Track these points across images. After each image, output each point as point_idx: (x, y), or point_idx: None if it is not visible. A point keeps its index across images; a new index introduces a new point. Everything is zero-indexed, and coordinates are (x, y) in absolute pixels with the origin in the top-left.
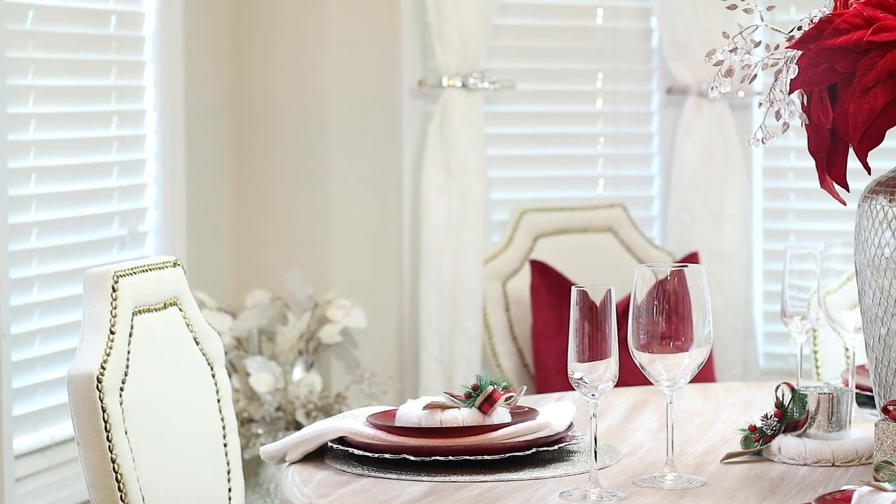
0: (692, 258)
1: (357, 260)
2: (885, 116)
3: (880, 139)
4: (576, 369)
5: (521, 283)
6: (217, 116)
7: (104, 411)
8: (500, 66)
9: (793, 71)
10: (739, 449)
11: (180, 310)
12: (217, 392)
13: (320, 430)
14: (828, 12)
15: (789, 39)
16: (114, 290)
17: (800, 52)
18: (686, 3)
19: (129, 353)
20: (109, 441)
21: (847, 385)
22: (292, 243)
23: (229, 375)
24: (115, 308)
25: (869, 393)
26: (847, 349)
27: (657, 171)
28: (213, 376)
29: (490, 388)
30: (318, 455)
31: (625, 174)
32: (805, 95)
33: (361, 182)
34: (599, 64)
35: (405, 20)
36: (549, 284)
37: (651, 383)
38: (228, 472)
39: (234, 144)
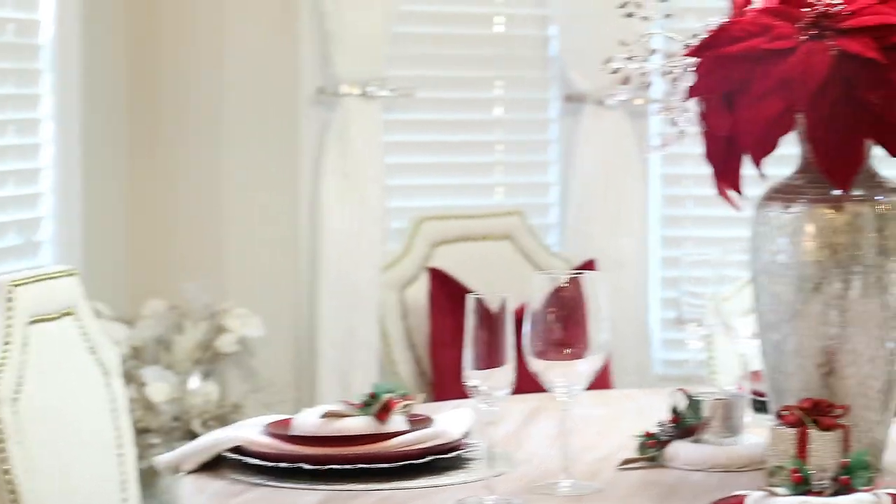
0: (589, 265)
1: (254, 268)
2: (780, 124)
3: (775, 146)
4: (472, 377)
5: (419, 292)
6: (113, 125)
7: None
8: (399, 73)
9: (689, 78)
10: (635, 455)
11: (76, 319)
12: (113, 402)
13: (216, 440)
14: (725, 20)
15: (686, 47)
16: (9, 300)
17: (696, 60)
18: (584, 11)
19: (24, 363)
20: (4, 452)
21: (742, 391)
22: (189, 252)
23: (125, 385)
24: (10, 318)
25: (763, 398)
26: (742, 355)
27: (555, 179)
28: (109, 386)
29: (387, 397)
30: (215, 465)
31: (523, 182)
32: (702, 103)
33: (259, 190)
34: (498, 71)
35: (303, 27)
36: (447, 292)
37: (548, 390)
38: (124, 482)
39: (130, 153)
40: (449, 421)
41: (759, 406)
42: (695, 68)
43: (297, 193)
